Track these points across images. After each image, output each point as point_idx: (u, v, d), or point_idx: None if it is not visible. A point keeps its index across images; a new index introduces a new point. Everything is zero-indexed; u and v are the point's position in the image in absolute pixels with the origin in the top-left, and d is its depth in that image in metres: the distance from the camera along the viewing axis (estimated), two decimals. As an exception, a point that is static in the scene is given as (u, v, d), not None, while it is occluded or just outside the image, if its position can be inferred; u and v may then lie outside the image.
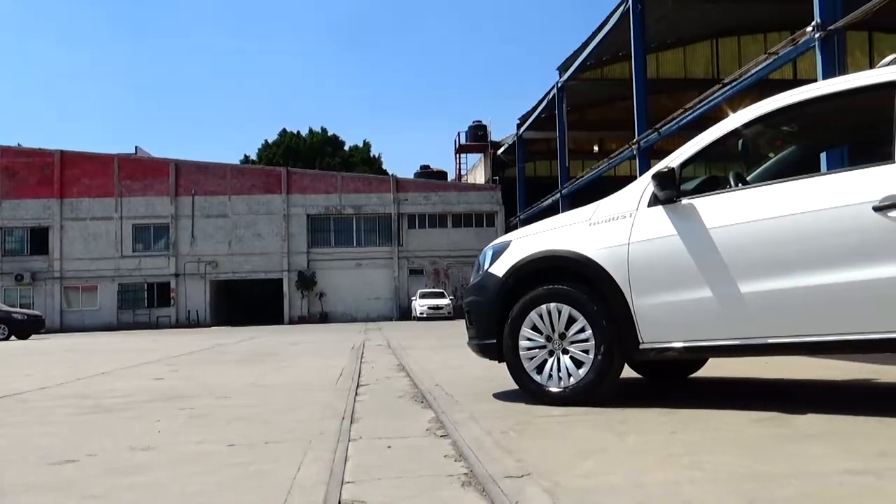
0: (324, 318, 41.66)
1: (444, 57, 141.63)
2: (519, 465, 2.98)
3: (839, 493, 2.42)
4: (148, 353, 13.26)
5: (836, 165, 8.52)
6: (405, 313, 40.89)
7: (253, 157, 61.73)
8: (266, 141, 62.52)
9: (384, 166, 63.47)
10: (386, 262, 43.69)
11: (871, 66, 4.82)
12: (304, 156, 58.62)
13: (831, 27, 11.49)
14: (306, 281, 42.40)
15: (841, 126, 5.30)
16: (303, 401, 5.33)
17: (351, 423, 4.23)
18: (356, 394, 5.64)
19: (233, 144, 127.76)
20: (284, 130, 62.58)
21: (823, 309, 3.81)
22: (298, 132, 62.57)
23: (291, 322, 41.08)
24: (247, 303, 44.80)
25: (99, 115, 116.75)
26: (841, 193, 3.80)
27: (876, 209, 3.65)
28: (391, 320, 39.48)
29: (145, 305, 42.29)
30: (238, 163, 53.27)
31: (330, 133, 63.54)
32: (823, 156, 9.01)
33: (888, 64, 4.13)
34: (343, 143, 64.11)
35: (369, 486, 2.75)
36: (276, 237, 42.86)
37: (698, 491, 2.52)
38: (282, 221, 42.83)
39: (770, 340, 3.97)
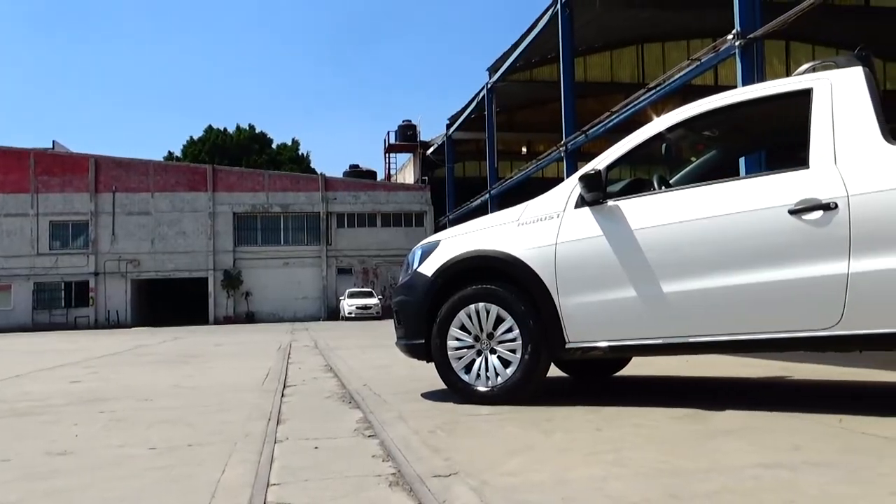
0: (250, 317, 40.97)
1: (374, 56, 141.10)
2: (447, 464, 2.98)
3: (755, 487, 2.50)
4: (66, 354, 12.80)
5: (754, 169, 8.82)
6: (333, 313, 40.53)
7: (178, 153, 60.28)
8: (191, 137, 61.12)
9: (313, 165, 62.81)
10: (314, 261, 43.25)
11: (788, 73, 5.00)
12: (230, 153, 57.52)
13: (751, 36, 11.87)
14: (232, 280, 41.63)
15: (759, 131, 5.48)
16: (228, 402, 5.23)
17: (277, 424, 4.17)
18: (283, 395, 5.56)
19: (156, 141, 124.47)
20: (210, 127, 61.29)
21: (742, 309, 3.93)
22: (225, 129, 61.38)
23: (217, 322, 40.26)
24: (170, 303, 43.67)
25: (11, 108, 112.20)
26: (759, 197, 3.93)
27: (791, 212, 3.79)
28: (319, 320, 39.09)
29: (62, 305, 40.79)
30: (162, 160, 51.90)
31: (257, 130, 62.53)
32: (742, 160, 9.31)
33: (804, 72, 4.30)
34: (271, 141, 63.15)
35: (295, 488, 2.72)
36: (201, 235, 41.93)
37: (622, 486, 2.57)
38: (207, 219, 41.93)
39: (691, 339, 4.08)
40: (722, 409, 4.04)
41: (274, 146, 63.04)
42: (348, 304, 36.12)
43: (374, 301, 36.43)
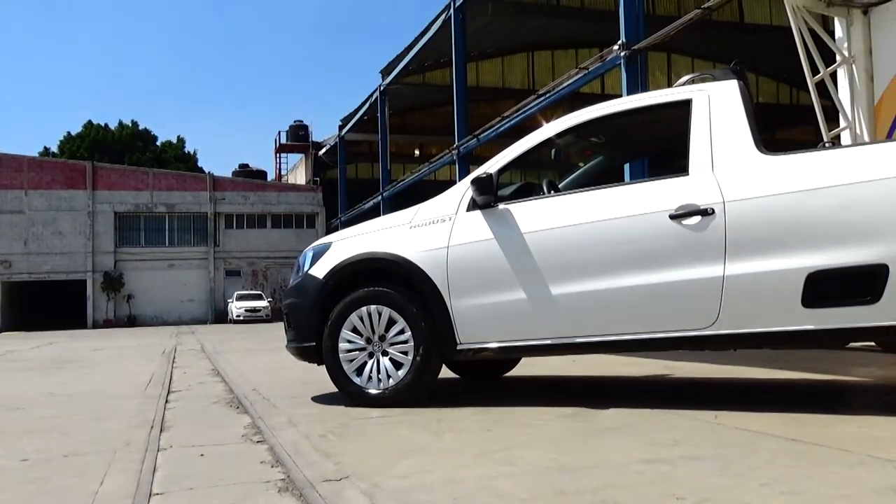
0: (132, 321, 39.37)
1: (265, 54, 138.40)
2: (337, 468, 2.96)
3: (637, 481, 2.59)
4: (-74, 361, 11.95)
5: (637, 176, 9.16)
6: (221, 316, 39.48)
7: (54, 149, 57.31)
8: (69, 133, 58.22)
9: (200, 164, 61.02)
10: (201, 262, 42.00)
11: (670, 84, 5.21)
12: (112, 150, 55.14)
13: (635, 47, 12.30)
14: (113, 282, 39.88)
15: (643, 139, 5.70)
16: (108, 410, 5.01)
17: (161, 431, 4.02)
18: (167, 401, 5.37)
19: (31, 136, 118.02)
20: (90, 122, 58.51)
21: (626, 309, 4.08)
22: (106, 125, 58.76)
23: (96, 326, 38.51)
24: (45, 306, 41.43)
25: None
26: (642, 202, 4.09)
27: (672, 217, 3.96)
28: (206, 323, 37.99)
29: (-76, 309, 38.10)
30: (37, 155, 49.23)
31: (141, 127, 60.22)
32: (627, 166, 9.65)
33: (684, 84, 4.50)
34: (155, 138, 60.91)
35: (179, 497, 2.63)
36: (79, 236, 39.99)
37: (511, 484, 2.61)
38: (86, 219, 40.02)
39: (578, 340, 4.19)
40: (607, 408, 4.17)
41: (158, 143, 60.85)
42: (237, 307, 35.29)
43: (263, 304, 35.72)
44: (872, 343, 5.50)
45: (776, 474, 2.60)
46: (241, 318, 34.36)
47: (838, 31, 8.95)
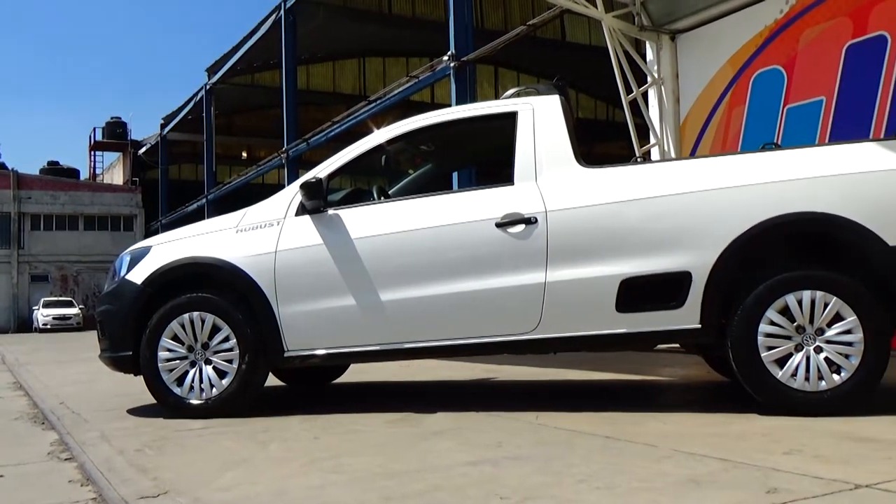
0: (-80, 331, 35.71)
1: (80, 45, 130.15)
2: (155, 484, 2.81)
3: (462, 483, 2.64)
4: None
5: (465, 184, 9.38)
6: (25, 324, 36.57)
7: None
8: None
9: (2, 159, 56.36)
10: (3, 266, 38.71)
11: (497, 96, 5.39)
12: None
13: (464, 58, 12.62)
14: None
15: (471, 148, 5.85)
16: None
17: (-48, 452, 3.66)
18: (-40, 418, 4.90)
19: None
20: None
21: (453, 315, 4.16)
22: None
23: None
24: None
25: None
26: (469, 210, 4.20)
27: (498, 225, 4.09)
28: (7, 332, 35.04)
29: None
30: None
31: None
32: (455, 175, 9.87)
33: (510, 96, 4.67)
34: (-49, 130, 55.71)
35: (-27, 523, 2.41)
36: None
37: (339, 492, 2.59)
38: None
39: (406, 345, 4.23)
40: (434, 412, 4.23)
41: (-46, 136, 55.63)
42: (44, 315, 32.88)
43: (73, 311, 33.50)
44: (678, 345, 5.93)
45: (592, 470, 2.74)
46: (49, 326, 32.07)
47: (649, 55, 9.63)
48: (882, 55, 7.22)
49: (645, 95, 9.59)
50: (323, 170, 4.49)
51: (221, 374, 4.35)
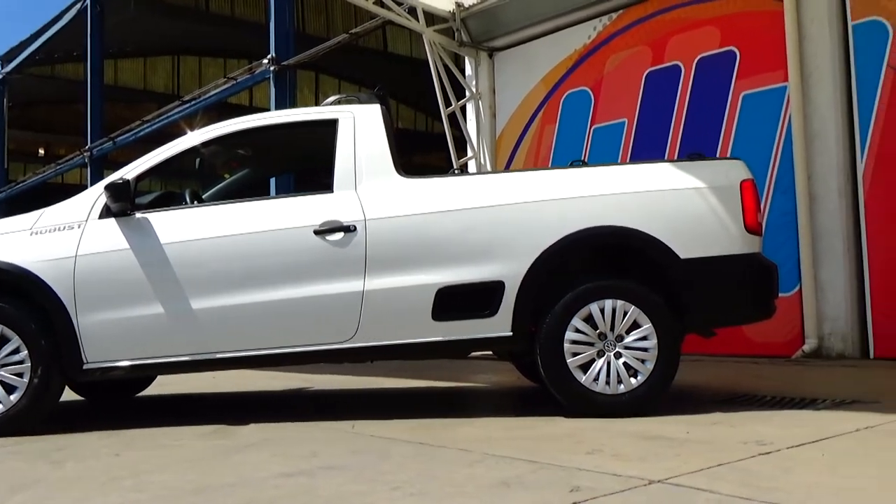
0: None
1: None
2: (-73, 511, 2.53)
3: (276, 496, 2.58)
4: None
5: (284, 191, 9.22)
6: None
7: None
8: None
9: None
10: None
11: (317, 103, 5.34)
12: None
13: (284, 63, 12.40)
14: None
15: (291, 154, 5.76)
16: None
17: None
18: None
19: None
20: None
21: (268, 324, 4.06)
22: None
23: None
24: None
25: None
26: (287, 217, 4.12)
27: (316, 232, 4.04)
28: None
29: None
30: None
31: None
32: (273, 181, 9.68)
33: (331, 104, 4.64)
34: None
35: None
36: None
37: (142, 513, 2.44)
38: None
39: (217, 356, 4.08)
40: (246, 423, 4.11)
41: None
42: None
43: None
44: (490, 352, 6.13)
45: (406, 477, 2.77)
46: None
47: (468, 70, 9.94)
48: (677, 83, 7.88)
49: (463, 109, 9.88)
50: (131, 171, 4.25)
51: (9, 389, 3.99)
